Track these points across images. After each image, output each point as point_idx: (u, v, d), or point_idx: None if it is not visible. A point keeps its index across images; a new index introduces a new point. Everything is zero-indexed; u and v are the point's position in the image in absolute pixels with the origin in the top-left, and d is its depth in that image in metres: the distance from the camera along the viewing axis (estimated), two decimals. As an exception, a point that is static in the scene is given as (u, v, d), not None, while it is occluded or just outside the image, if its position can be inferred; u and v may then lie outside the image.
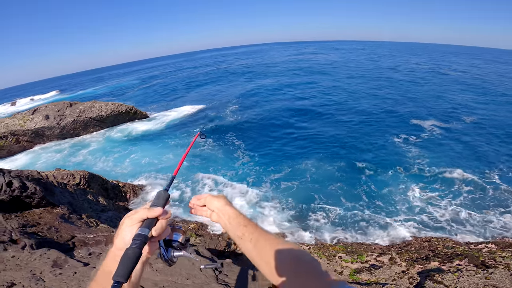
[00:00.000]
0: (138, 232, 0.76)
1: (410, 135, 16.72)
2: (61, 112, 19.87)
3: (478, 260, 5.73)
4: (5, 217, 4.97)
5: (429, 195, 10.91)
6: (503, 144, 15.15)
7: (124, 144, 18.50)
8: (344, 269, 5.99)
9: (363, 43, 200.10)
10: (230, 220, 1.07)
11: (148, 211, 0.81)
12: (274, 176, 13.14)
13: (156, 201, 0.91)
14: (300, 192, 11.72)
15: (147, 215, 0.81)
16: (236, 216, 1.08)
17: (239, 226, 1.04)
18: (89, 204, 8.27)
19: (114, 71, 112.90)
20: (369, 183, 12.05)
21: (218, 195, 1.17)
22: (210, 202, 1.13)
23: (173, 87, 41.45)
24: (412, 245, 7.47)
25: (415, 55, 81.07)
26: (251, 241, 0.99)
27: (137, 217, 0.80)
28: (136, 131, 20.83)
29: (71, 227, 5.06)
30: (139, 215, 0.81)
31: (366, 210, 10.35)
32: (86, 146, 18.78)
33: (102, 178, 11.41)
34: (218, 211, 1.11)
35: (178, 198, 12.07)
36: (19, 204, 5.51)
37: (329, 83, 33.02)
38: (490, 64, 60.03)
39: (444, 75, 39.84)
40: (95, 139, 19.92)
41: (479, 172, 12.14)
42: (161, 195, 0.93)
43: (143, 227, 0.78)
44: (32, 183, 5.67)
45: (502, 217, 9.05)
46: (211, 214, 1.14)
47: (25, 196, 5.48)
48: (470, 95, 26.40)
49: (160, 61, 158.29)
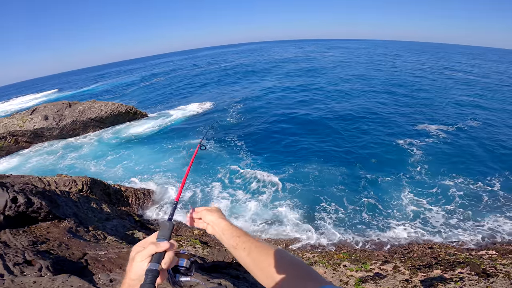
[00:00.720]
0: (150, 268, 0.83)
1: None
2: (60, 112, 19.73)
3: (479, 268, 5.84)
4: (13, 233, 4.99)
5: (429, 200, 11.02)
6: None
7: (120, 147, 18.28)
8: (350, 279, 6.08)
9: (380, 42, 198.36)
10: (224, 232, 1.18)
11: (156, 247, 0.88)
12: (278, 178, 13.23)
13: (162, 233, 0.96)
14: (303, 195, 11.84)
15: (156, 250, 0.87)
16: (228, 228, 1.18)
17: (232, 237, 1.14)
18: (93, 212, 8.28)
19: (114, 69, 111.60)
20: (370, 186, 12.15)
21: (212, 209, 1.30)
22: (205, 216, 1.26)
23: (174, 86, 41.18)
24: (414, 251, 7.58)
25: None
26: (245, 250, 1.09)
27: (146, 253, 0.87)
28: (135, 132, 20.67)
29: (81, 242, 5.08)
30: (148, 251, 0.87)
31: (367, 213, 10.46)
32: (79, 149, 18.47)
33: (104, 183, 11.42)
34: (212, 224, 1.23)
35: (188, 200, 12.23)
36: (25, 219, 5.52)
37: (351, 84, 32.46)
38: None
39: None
40: (88, 142, 19.49)
41: (480, 178, 12.26)
42: (166, 226, 0.98)
43: (154, 262, 0.84)
44: (37, 198, 5.66)
45: (501, 222, 9.19)
46: (207, 226, 1.25)
47: (31, 211, 5.48)
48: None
49: (160, 58, 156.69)
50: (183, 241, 7.93)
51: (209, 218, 1.23)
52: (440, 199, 10.98)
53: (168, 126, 21.54)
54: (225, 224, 1.20)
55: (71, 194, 8.56)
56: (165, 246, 0.89)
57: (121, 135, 20.11)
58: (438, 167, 13.24)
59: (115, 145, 18.38)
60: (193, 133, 19.42)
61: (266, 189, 12.44)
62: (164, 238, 0.94)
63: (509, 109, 22.63)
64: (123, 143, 18.66)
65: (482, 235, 8.48)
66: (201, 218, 1.27)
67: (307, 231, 9.60)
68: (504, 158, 14.07)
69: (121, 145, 18.39)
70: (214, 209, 1.29)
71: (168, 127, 21.45)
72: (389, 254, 7.68)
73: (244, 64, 61.64)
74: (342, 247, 8.62)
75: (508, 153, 14.52)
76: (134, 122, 22.74)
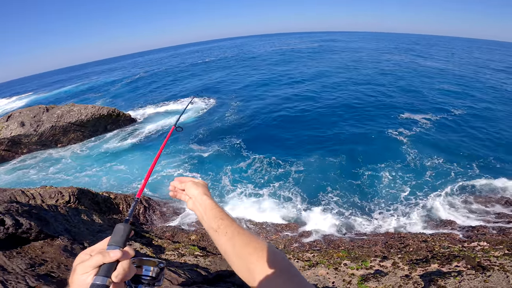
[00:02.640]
0: (95, 282, 0.66)
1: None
2: (37, 118, 18.74)
3: (474, 261, 6.08)
4: (7, 256, 4.69)
5: (420, 190, 11.45)
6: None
7: (105, 156, 17.55)
8: (352, 278, 6.18)
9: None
10: (206, 210, 1.06)
11: (103, 257, 0.70)
12: (272, 173, 13.29)
13: (114, 238, 0.78)
14: (303, 186, 12.01)
15: (103, 261, 0.70)
16: (212, 207, 1.06)
17: (215, 218, 1.03)
18: (85, 225, 7.95)
19: (91, 68, 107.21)
20: (360, 177, 12.54)
21: (199, 182, 1.17)
22: (189, 188, 1.13)
23: (158, 84, 40.08)
24: (410, 245, 7.81)
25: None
26: (226, 234, 0.97)
27: (90, 264, 0.69)
28: (118, 138, 19.97)
29: (77, 263, 4.87)
30: (92, 262, 0.69)
31: (359, 207, 10.78)
32: (58, 161, 17.43)
33: (92, 192, 10.99)
34: (194, 200, 1.11)
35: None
36: (17, 240, 5.21)
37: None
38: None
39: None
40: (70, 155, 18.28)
41: (468, 166, 12.83)
42: (120, 230, 0.80)
43: (99, 275, 0.68)
44: (24, 219, 5.36)
45: (490, 212, 9.67)
46: (188, 200, 1.14)
47: (21, 232, 5.17)
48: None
49: (142, 56, 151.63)
50: (182, 248, 7.76)
51: (193, 191, 1.12)
52: (430, 189, 11.45)
53: (153, 129, 20.99)
54: (209, 203, 1.08)
55: (59, 208, 8.15)
56: (116, 255, 0.71)
57: (105, 143, 19.39)
58: (427, 156, 13.78)
59: (98, 158, 17.58)
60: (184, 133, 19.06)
61: (259, 183, 12.44)
62: (116, 245, 0.76)
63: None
64: (110, 154, 17.91)
65: (472, 224, 8.92)
66: (185, 190, 1.15)
67: (303, 225, 9.75)
68: (493, 145, 14.79)
69: (106, 157, 17.54)
70: (201, 183, 1.16)
71: (153, 129, 20.92)
72: (386, 249, 7.88)
73: (226, 57, 61.14)
74: (339, 243, 8.79)
75: (496, 141, 15.27)
76: (117, 126, 21.95)
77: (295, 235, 9.40)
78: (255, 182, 12.88)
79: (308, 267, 6.53)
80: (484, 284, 5.26)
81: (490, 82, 29.57)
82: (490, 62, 47.41)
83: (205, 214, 1.05)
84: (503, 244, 6.69)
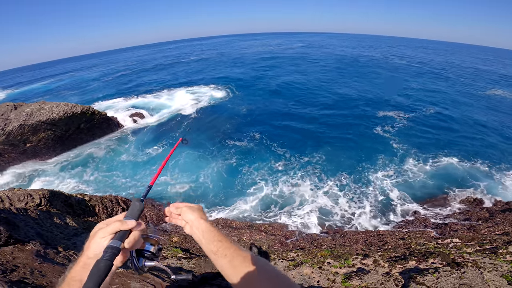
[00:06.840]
0: (110, 244, 0.77)
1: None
2: (5, 116, 17.48)
3: (449, 257, 6.41)
4: (-29, 262, 4.30)
5: (395, 185, 11.94)
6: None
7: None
8: (336, 276, 6.29)
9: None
10: (204, 234, 1.09)
11: (121, 224, 0.83)
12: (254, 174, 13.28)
13: (130, 212, 0.93)
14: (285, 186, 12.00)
15: (120, 228, 0.83)
16: (209, 230, 1.09)
17: (213, 241, 1.05)
18: (59, 229, 7.49)
19: (63, 65, 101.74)
20: (340, 176, 12.83)
21: (194, 206, 1.20)
22: (185, 213, 1.16)
23: (138, 81, 38.84)
24: (388, 243, 8.10)
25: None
26: (226, 257, 1.00)
27: (110, 230, 0.82)
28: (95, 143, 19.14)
29: (55, 267, 4.53)
30: (112, 228, 0.82)
31: (339, 202, 11.09)
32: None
33: (64, 194, 10.41)
34: (191, 224, 1.13)
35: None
36: (-18, 245, 4.80)
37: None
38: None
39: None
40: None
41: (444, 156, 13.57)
42: (136, 205, 0.95)
43: (115, 239, 0.80)
44: (-7, 222, 4.95)
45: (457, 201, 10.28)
46: (185, 225, 1.16)
47: (-12, 236, 4.78)
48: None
49: (122, 53, 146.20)
50: (164, 251, 7.53)
51: (189, 216, 1.14)
52: (405, 185, 11.98)
53: (136, 129, 20.31)
54: (206, 226, 1.10)
55: (29, 211, 7.62)
56: (131, 224, 0.85)
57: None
58: (407, 151, 14.44)
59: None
60: (172, 135, 18.60)
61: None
62: (132, 217, 0.90)
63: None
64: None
65: (445, 221, 9.43)
66: (181, 215, 1.17)
67: (286, 225, 9.80)
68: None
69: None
70: (196, 207, 1.19)
71: (136, 130, 20.24)
72: (367, 247, 8.11)
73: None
74: (322, 242, 8.94)
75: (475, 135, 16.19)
76: (94, 127, 21.03)
77: (278, 235, 9.44)
78: (241, 183, 12.82)
79: (293, 266, 6.56)
80: (460, 280, 5.54)
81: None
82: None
83: (203, 238, 1.07)
84: (474, 241, 7.10)
